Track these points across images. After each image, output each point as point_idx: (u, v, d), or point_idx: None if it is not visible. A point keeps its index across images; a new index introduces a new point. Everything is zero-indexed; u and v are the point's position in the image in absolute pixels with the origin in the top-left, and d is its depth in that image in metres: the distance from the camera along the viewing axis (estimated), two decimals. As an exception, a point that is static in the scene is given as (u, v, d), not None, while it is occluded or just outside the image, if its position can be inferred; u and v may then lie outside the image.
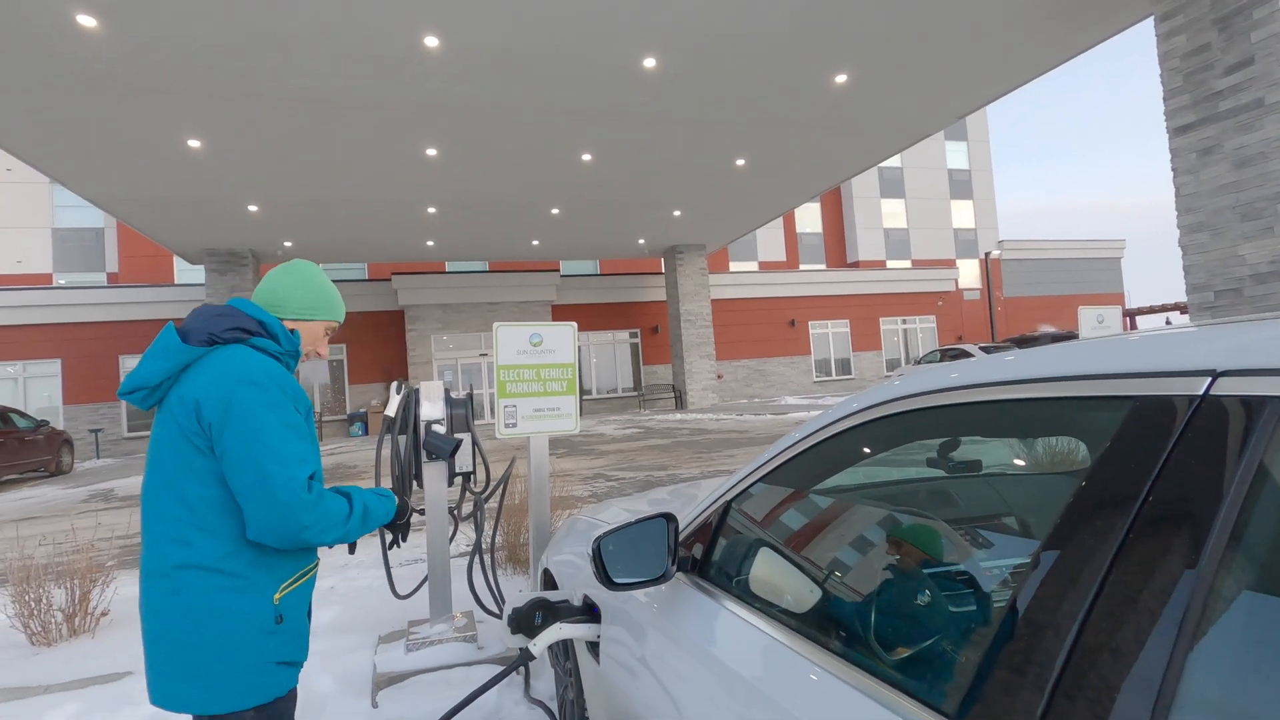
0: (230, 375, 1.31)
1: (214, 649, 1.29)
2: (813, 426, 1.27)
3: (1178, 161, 7.02)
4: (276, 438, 1.29)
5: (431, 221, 15.60)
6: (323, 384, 20.10)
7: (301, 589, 1.45)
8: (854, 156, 13.32)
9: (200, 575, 1.29)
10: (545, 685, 2.92)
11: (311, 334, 1.57)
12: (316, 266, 1.62)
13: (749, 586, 1.35)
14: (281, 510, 1.27)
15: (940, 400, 1.05)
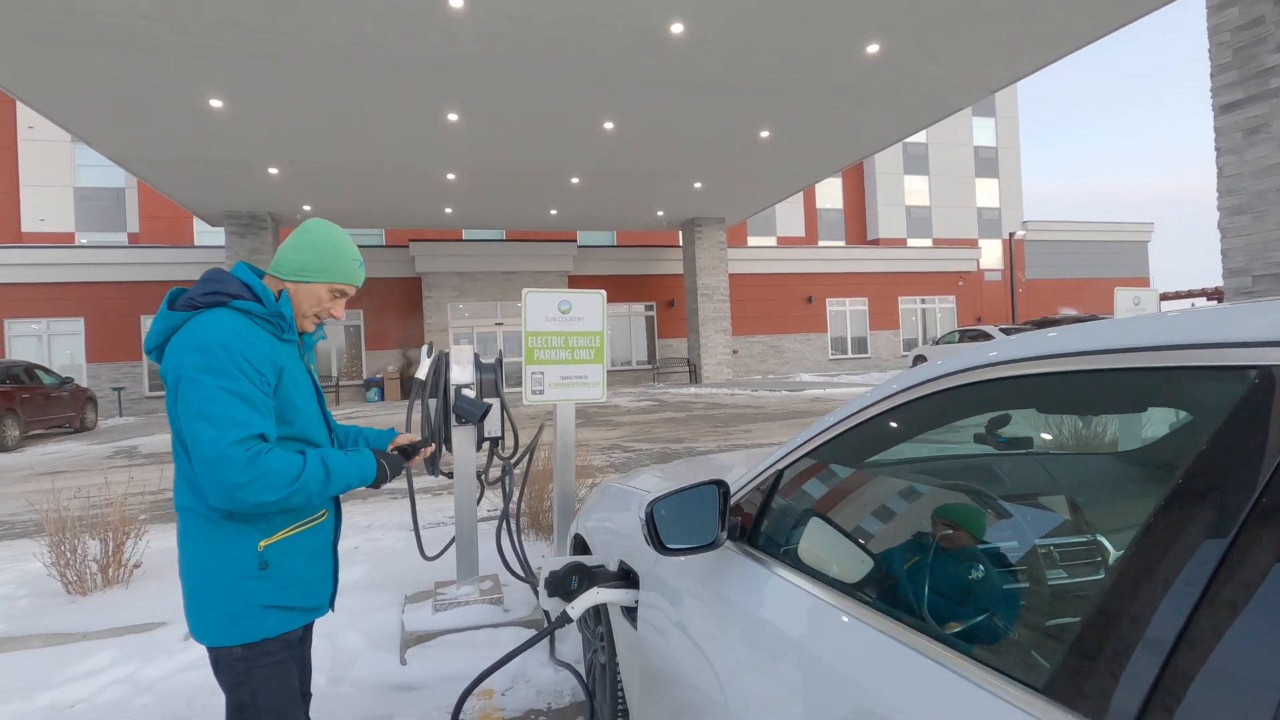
0: (184, 342, 1.34)
1: (203, 585, 1.38)
2: (875, 397, 1.24)
3: (1221, 140, 6.80)
4: (210, 401, 1.30)
5: (450, 188, 15.51)
6: (339, 349, 20.25)
7: (294, 539, 1.46)
8: (882, 130, 13.04)
9: (191, 517, 1.39)
10: (571, 649, 2.95)
11: (311, 296, 1.53)
12: (328, 226, 1.55)
13: (800, 555, 1.33)
14: (209, 469, 1.28)
15: (1018, 370, 1.00)
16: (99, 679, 2.76)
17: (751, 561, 1.37)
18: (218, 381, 1.31)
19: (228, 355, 1.33)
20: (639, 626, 1.76)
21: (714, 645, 1.35)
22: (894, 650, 0.94)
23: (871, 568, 1.27)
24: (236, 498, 1.30)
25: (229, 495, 1.29)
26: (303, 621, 1.49)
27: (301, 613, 1.48)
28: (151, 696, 2.66)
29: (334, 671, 2.82)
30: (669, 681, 1.56)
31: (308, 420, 1.53)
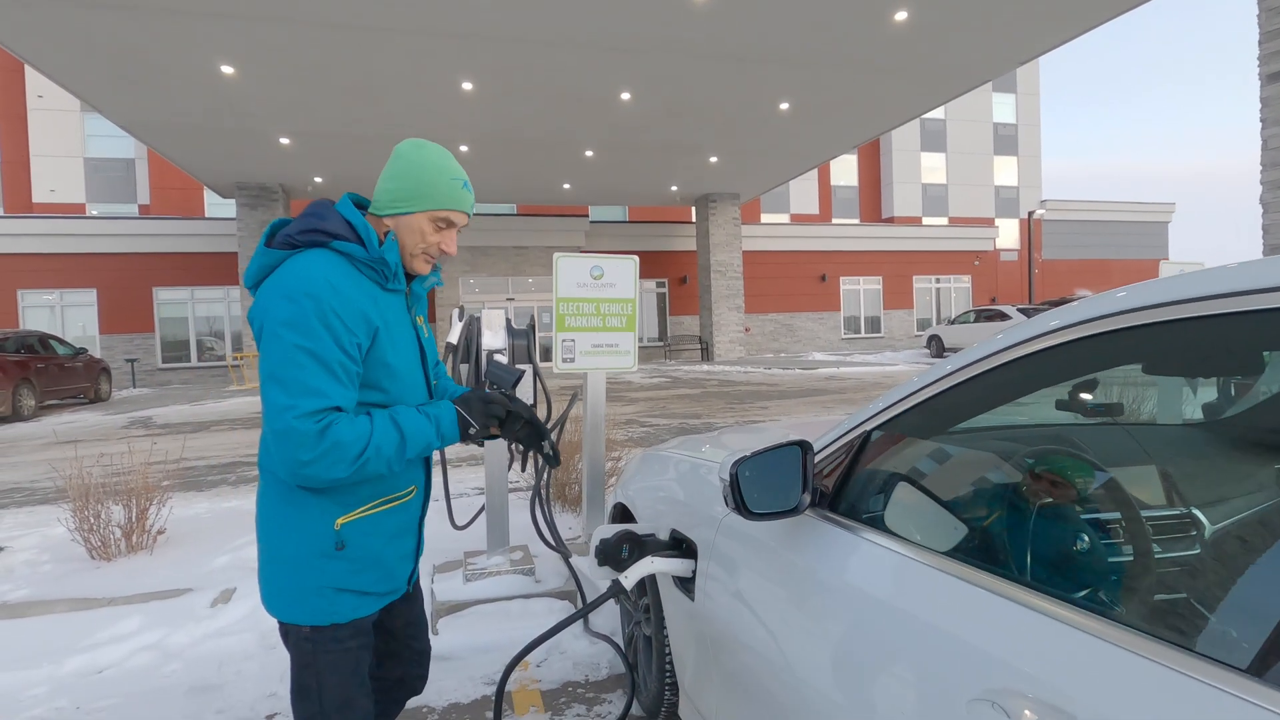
0: (273, 288, 1.20)
1: (275, 557, 1.27)
2: (976, 354, 1.12)
3: (1267, 111, 6.55)
4: (286, 363, 1.16)
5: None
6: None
7: (376, 519, 1.31)
8: (906, 103, 12.73)
9: (272, 480, 1.27)
10: (604, 620, 2.88)
11: (413, 229, 1.32)
12: (420, 145, 1.33)
13: (895, 521, 1.23)
14: (277, 441, 1.16)
15: (1152, 318, 0.88)
16: (127, 644, 2.72)
17: (836, 528, 1.27)
18: (298, 339, 1.16)
19: (315, 309, 1.17)
20: (697, 597, 1.68)
21: (799, 616, 1.26)
22: (1023, 617, 0.86)
23: (974, 531, 1.17)
24: (304, 474, 1.17)
25: (295, 471, 1.17)
26: (378, 607, 1.36)
27: (376, 597, 1.35)
28: (181, 663, 2.62)
29: (365, 640, 2.76)
30: (735, 653, 1.48)
31: (406, 385, 1.35)
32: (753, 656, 1.39)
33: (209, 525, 4.08)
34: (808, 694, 1.15)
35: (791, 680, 1.21)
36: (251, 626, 2.85)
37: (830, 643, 1.16)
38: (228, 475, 6.08)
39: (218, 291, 19.21)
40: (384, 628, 1.48)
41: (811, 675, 1.16)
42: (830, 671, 1.12)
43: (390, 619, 1.48)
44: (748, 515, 1.23)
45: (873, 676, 1.04)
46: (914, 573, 1.07)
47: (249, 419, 10.41)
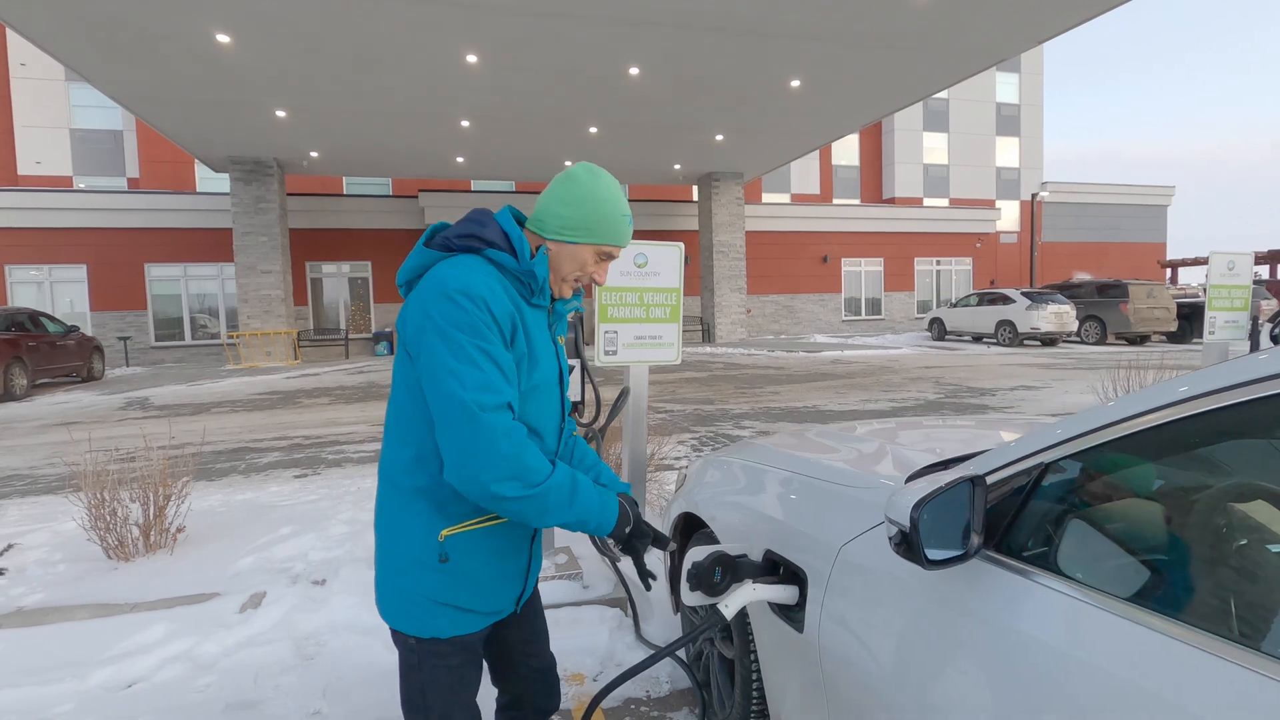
0: (431, 288, 1.19)
1: (388, 562, 1.28)
2: (1205, 385, 0.96)
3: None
4: (465, 360, 1.13)
5: (464, 136, 14.95)
6: (346, 301, 19.90)
7: (479, 535, 1.27)
8: (919, 81, 12.46)
9: (386, 485, 1.29)
10: (657, 629, 2.75)
11: (574, 258, 1.32)
12: (596, 175, 1.31)
13: (1070, 564, 1.08)
14: (464, 433, 1.12)
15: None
16: (154, 655, 2.56)
17: (1007, 571, 1.12)
18: (471, 338, 1.14)
19: (477, 310, 1.16)
20: (808, 629, 1.53)
21: (959, 667, 1.11)
22: (1235, 677, 0.74)
23: (1172, 578, 1.02)
24: (481, 480, 1.12)
25: (473, 476, 1.12)
26: (481, 625, 1.32)
27: (480, 616, 1.31)
28: (214, 675, 2.46)
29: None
30: (861, 694, 1.34)
31: (541, 406, 1.31)
32: (885, 701, 1.25)
33: (227, 521, 3.92)
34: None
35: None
36: (285, 635, 2.71)
37: (994, 697, 1.02)
38: (236, 463, 5.90)
39: (211, 268, 18.83)
40: (500, 643, 1.46)
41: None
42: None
43: (504, 633, 1.46)
44: (926, 565, 1.07)
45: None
46: (1104, 625, 0.94)
47: (250, 400, 10.20)
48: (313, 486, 4.80)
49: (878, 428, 2.42)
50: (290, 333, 16.70)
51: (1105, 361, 13.40)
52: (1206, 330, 4.52)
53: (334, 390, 11.19)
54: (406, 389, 1.23)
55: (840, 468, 1.78)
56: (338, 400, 9.96)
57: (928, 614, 1.22)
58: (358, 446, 6.44)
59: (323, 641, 2.68)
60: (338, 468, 5.55)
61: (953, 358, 14.90)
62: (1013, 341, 17.76)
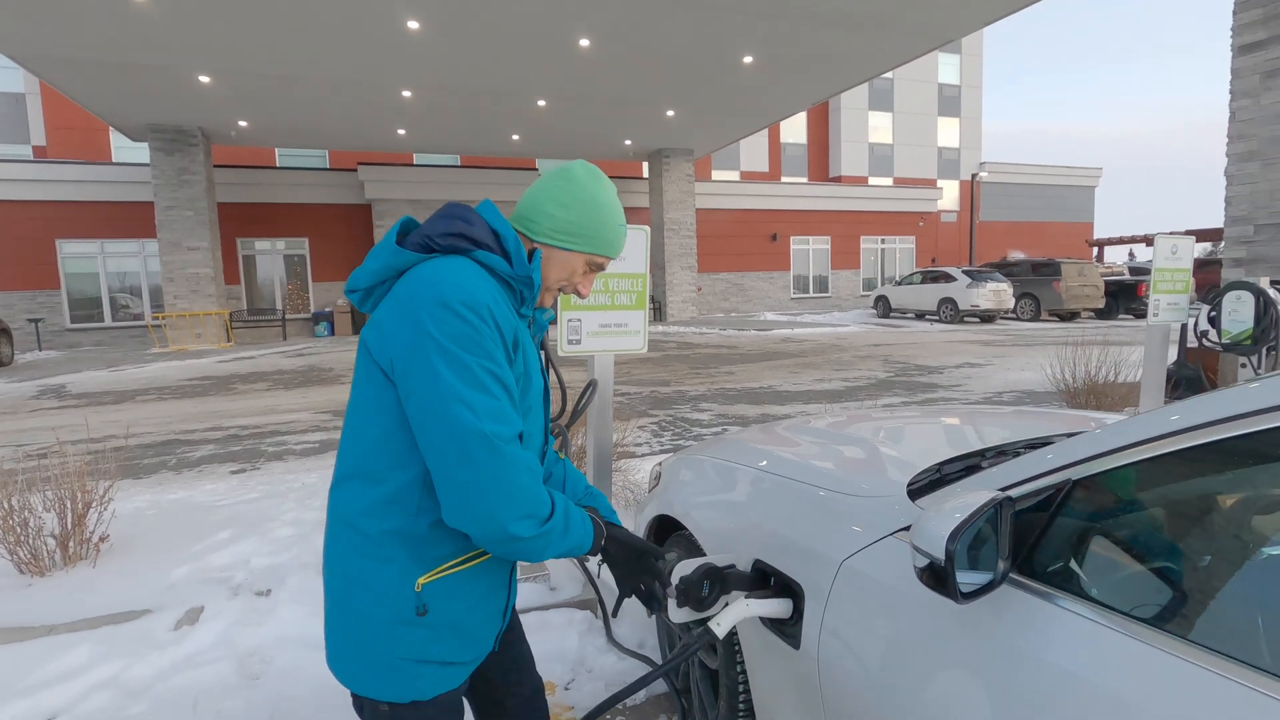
0: (423, 294, 1.00)
1: (346, 620, 1.08)
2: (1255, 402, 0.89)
3: (1238, 84, 6.63)
4: (473, 384, 0.98)
5: (406, 107, 14.29)
6: (281, 279, 18.96)
7: (461, 578, 1.11)
8: (869, 60, 12.50)
9: (345, 530, 1.08)
10: (630, 631, 2.65)
11: (564, 265, 1.18)
12: (598, 178, 1.18)
13: (1104, 590, 1.01)
14: (484, 475, 0.97)
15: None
16: (78, 682, 2.32)
17: (1035, 598, 1.04)
18: (479, 359, 0.98)
19: (484, 324, 1.00)
20: (804, 646, 1.45)
21: (980, 698, 1.04)
22: None
23: (1229, 611, 0.97)
24: (498, 519, 0.98)
25: (489, 514, 0.98)
26: (465, 676, 1.17)
27: (463, 667, 1.15)
28: (147, 703, 2.25)
29: (364, 665, 2.45)
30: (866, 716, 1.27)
31: (532, 426, 1.17)
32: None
33: (157, 525, 3.62)
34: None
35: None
36: (227, 653, 2.50)
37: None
38: (166, 457, 5.51)
39: (132, 245, 17.62)
40: (483, 679, 1.33)
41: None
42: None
43: (485, 669, 1.32)
44: (960, 600, 0.99)
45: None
46: (1145, 657, 0.87)
47: (179, 387, 9.60)
48: (252, 483, 4.50)
49: (851, 422, 2.35)
50: (222, 313, 15.83)
51: (1041, 338, 13.94)
52: (1151, 312, 4.66)
53: (271, 375, 10.66)
54: (377, 415, 1.04)
55: (834, 473, 1.70)
56: (276, 386, 9.48)
57: (944, 638, 1.14)
58: (300, 437, 6.11)
59: (269, 658, 2.48)
60: (279, 461, 5.24)
61: (898, 335, 15.25)
62: (954, 318, 18.31)
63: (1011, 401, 6.97)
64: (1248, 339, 4.44)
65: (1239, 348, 4.48)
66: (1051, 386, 6.93)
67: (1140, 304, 18.78)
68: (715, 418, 6.47)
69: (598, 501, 1.40)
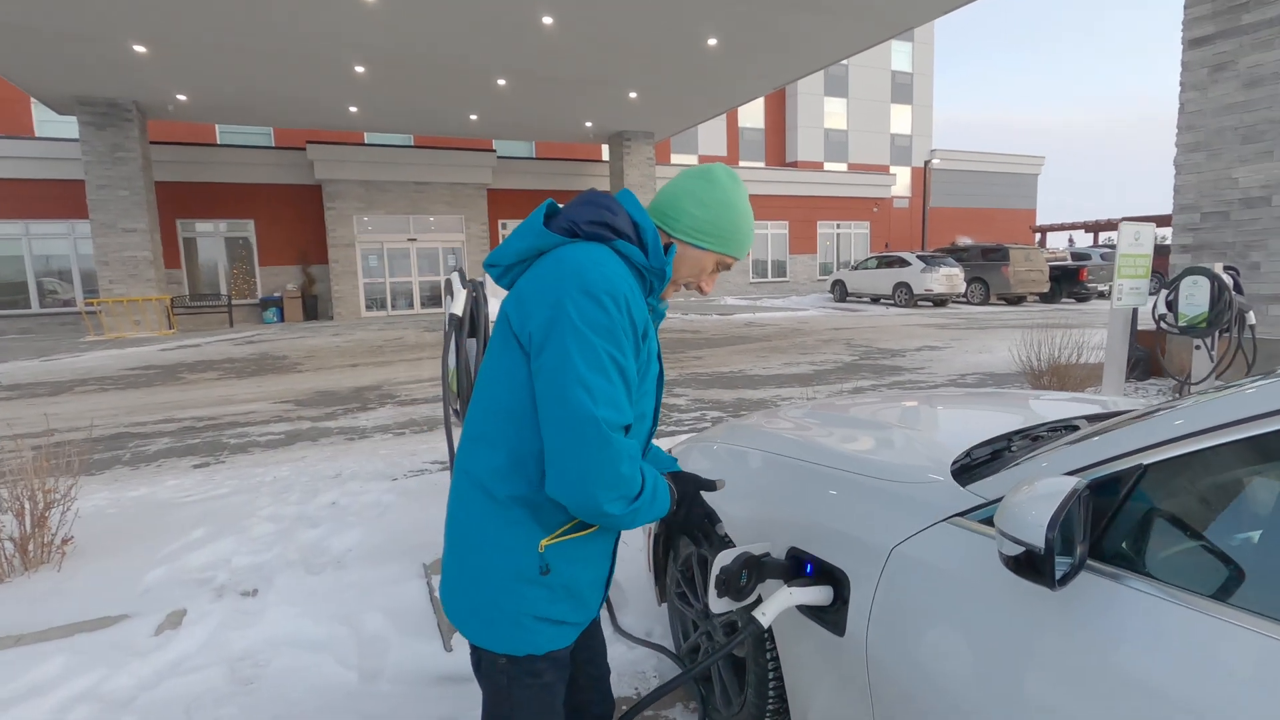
0: (567, 278, 1.06)
1: (475, 578, 1.17)
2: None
3: (1187, 76, 6.90)
4: (597, 369, 1.03)
5: (359, 83, 13.75)
6: (225, 265, 18.13)
7: (579, 543, 1.20)
8: (833, 45, 12.59)
9: (475, 490, 1.16)
10: (636, 620, 2.63)
11: (695, 263, 1.25)
12: (737, 181, 1.25)
13: (1180, 574, 1.03)
14: (591, 456, 1.03)
15: None
16: (54, 696, 2.17)
17: (1104, 579, 1.05)
18: (608, 345, 1.04)
19: (619, 313, 1.05)
20: (850, 633, 1.44)
21: (1053, 682, 1.05)
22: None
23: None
24: (596, 497, 1.05)
25: (588, 493, 1.05)
26: (574, 636, 1.26)
27: (573, 627, 1.25)
28: (134, 715, 2.12)
29: (365, 665, 2.37)
30: (920, 707, 1.27)
31: (645, 406, 1.24)
32: (950, 714, 1.19)
33: (123, 525, 3.41)
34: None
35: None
36: (217, 657, 2.38)
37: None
38: (119, 451, 5.22)
39: (60, 226, 16.56)
40: None
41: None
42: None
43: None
44: (1055, 587, 0.98)
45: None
46: (1219, 637, 0.89)
47: (122, 377, 9.11)
48: (219, 478, 4.29)
49: (857, 406, 2.36)
50: (163, 299, 15.06)
51: (992, 321, 14.42)
52: (1115, 296, 4.84)
53: (222, 363, 10.20)
54: (509, 385, 1.10)
55: (868, 458, 1.69)
56: (228, 374, 9.08)
57: (1012, 623, 1.14)
58: (263, 428, 5.86)
59: (263, 662, 2.37)
60: (244, 454, 5.01)
61: (857, 319, 15.55)
62: (908, 303, 18.77)
63: (975, 383, 7.19)
64: (1203, 322, 4.65)
65: (1194, 330, 4.70)
66: (1012, 368, 7.17)
67: (1082, 288, 19.61)
68: (692, 402, 6.48)
69: (659, 457, 1.48)
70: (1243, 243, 6.54)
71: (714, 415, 5.88)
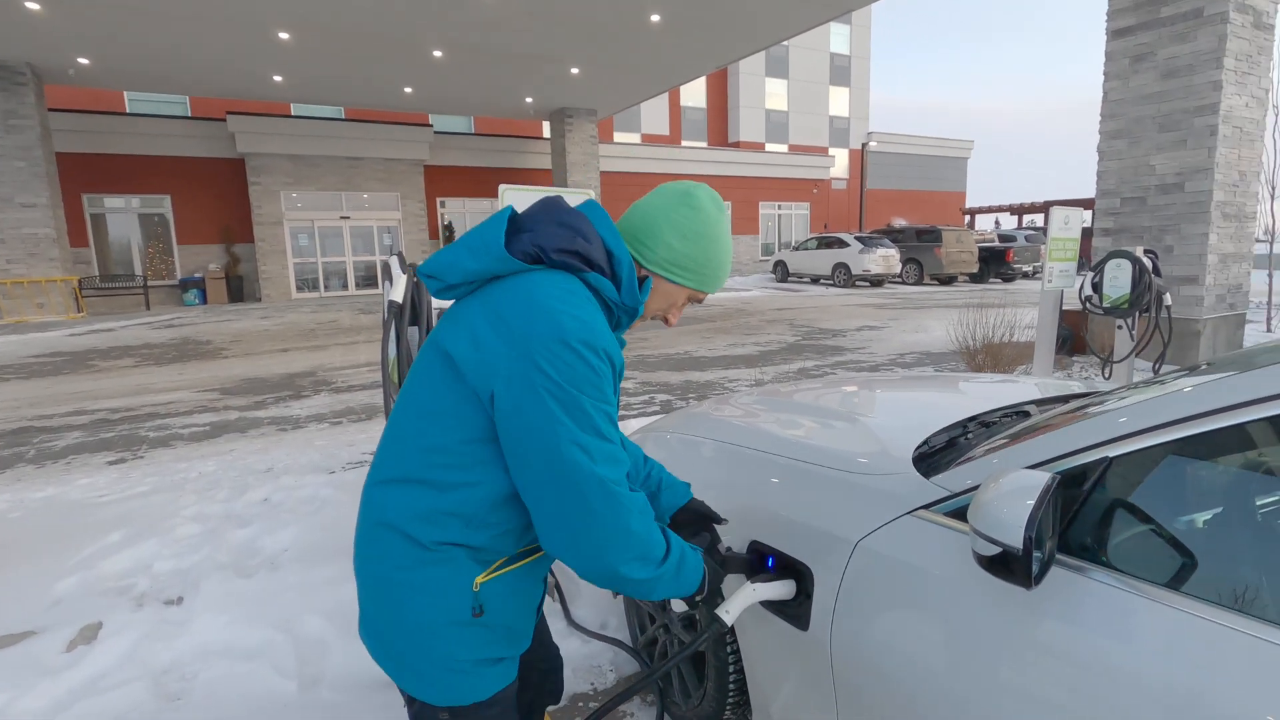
0: (540, 327, 0.93)
1: (397, 620, 1.03)
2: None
3: (1110, 66, 7.19)
4: (591, 429, 0.94)
5: (283, 50, 12.96)
6: (139, 244, 16.96)
7: (518, 575, 1.10)
8: (776, 23, 12.59)
9: (391, 535, 1.02)
10: (589, 613, 2.58)
11: (667, 296, 1.15)
12: (722, 210, 1.14)
13: (1144, 567, 1.03)
14: (598, 517, 0.95)
15: None
16: (-50, 724, 1.97)
17: (1070, 572, 1.05)
18: (595, 401, 0.94)
19: (602, 365, 0.95)
20: (813, 628, 1.43)
21: (1019, 675, 1.05)
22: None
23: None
24: (607, 560, 0.97)
25: (598, 554, 0.97)
26: (515, 672, 1.15)
27: (512, 661, 1.14)
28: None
29: (305, 672, 2.24)
30: (886, 701, 1.26)
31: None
32: (919, 707, 1.18)
33: (25, 529, 3.14)
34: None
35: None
36: (139, 672, 2.21)
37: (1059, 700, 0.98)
38: (21, 448, 4.81)
39: (-54, 200, 15.10)
40: None
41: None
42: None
43: None
44: (1031, 586, 0.97)
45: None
46: (1187, 629, 0.90)
47: (24, 365, 8.42)
48: (137, 475, 4.00)
49: (806, 392, 2.36)
50: (69, 280, 13.99)
51: (926, 301, 14.90)
52: (1045, 279, 5.03)
53: (138, 349, 9.56)
54: (458, 426, 0.97)
55: (828, 449, 1.67)
56: (145, 361, 8.52)
57: (980, 615, 1.14)
58: (186, 419, 5.51)
59: (191, 674, 2.22)
60: (166, 448, 4.70)
61: (799, 299, 15.83)
62: (847, 283, 19.21)
63: (914, 362, 7.40)
64: (1125, 303, 4.88)
65: (1118, 310, 4.93)
66: (948, 347, 7.41)
67: (1009, 269, 20.48)
68: (640, 385, 6.44)
69: (677, 493, 1.41)
70: (1158, 227, 6.91)
71: (662, 398, 5.86)
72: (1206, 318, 6.68)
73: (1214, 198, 6.50)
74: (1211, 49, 6.38)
